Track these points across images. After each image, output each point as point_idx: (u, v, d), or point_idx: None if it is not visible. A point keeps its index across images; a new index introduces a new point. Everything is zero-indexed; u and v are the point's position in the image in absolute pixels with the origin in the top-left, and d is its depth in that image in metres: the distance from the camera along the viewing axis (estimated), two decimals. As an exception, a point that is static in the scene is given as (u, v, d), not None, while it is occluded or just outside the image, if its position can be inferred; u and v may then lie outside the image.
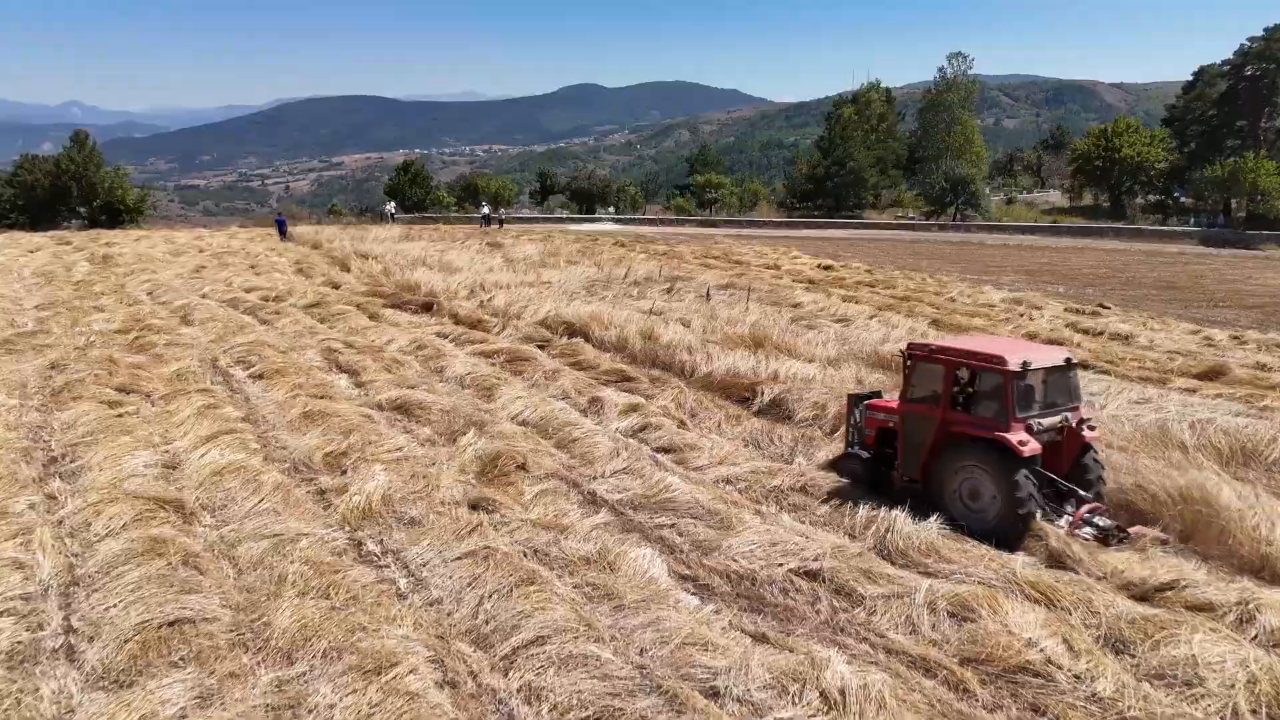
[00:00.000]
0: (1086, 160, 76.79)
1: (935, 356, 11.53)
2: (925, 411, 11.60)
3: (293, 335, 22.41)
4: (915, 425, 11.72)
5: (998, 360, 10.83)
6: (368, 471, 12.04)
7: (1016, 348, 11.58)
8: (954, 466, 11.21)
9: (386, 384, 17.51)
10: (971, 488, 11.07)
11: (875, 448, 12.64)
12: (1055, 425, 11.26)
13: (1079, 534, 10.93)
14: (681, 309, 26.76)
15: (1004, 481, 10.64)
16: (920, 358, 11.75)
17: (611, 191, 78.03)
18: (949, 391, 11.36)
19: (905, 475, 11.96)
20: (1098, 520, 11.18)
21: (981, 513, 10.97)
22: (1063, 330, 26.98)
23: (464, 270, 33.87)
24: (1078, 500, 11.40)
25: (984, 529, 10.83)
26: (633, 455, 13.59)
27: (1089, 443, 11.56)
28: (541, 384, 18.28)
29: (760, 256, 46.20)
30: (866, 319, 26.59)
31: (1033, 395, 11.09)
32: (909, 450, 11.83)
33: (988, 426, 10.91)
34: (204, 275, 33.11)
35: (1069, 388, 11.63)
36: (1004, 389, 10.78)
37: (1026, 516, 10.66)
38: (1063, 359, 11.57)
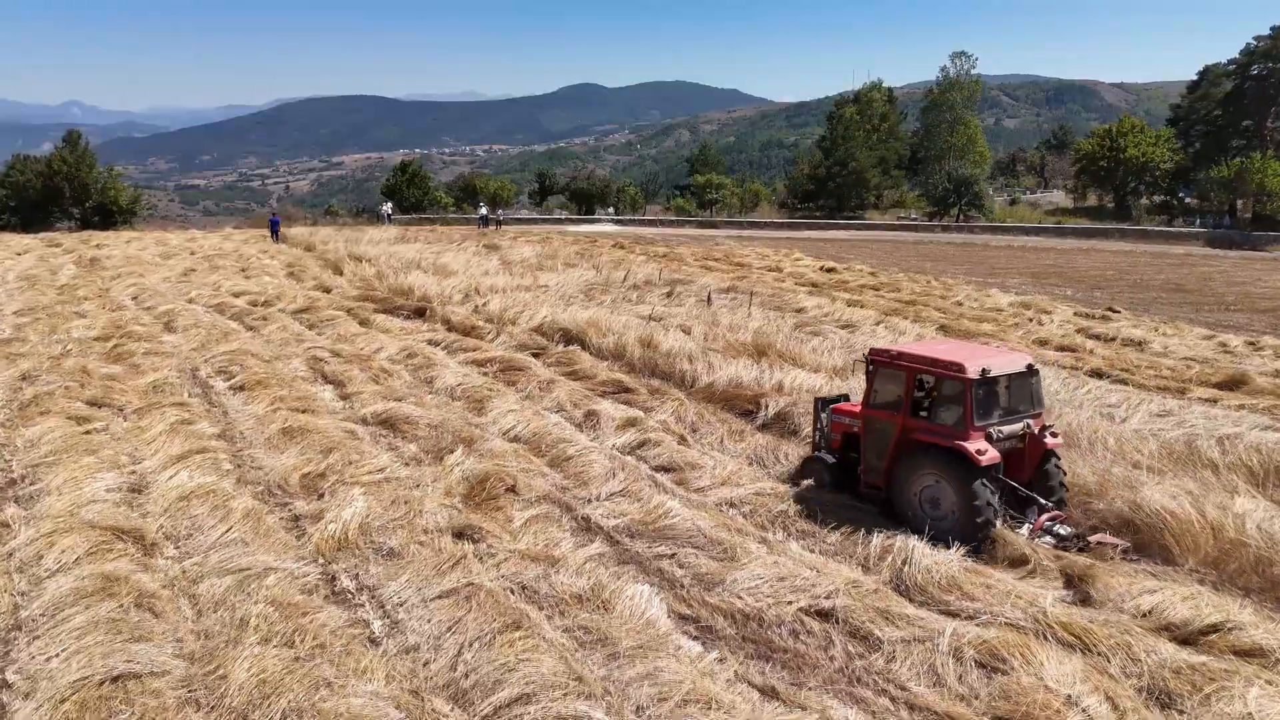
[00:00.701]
0: (1091, 160, 75.97)
1: (897, 362, 11.44)
2: (887, 418, 11.52)
3: (279, 343, 21.62)
4: (877, 431, 11.68)
5: (957, 367, 10.69)
6: (346, 495, 11.25)
7: (977, 354, 11.44)
8: (914, 474, 11.12)
9: (373, 396, 16.72)
10: (932, 495, 10.97)
11: (840, 452, 12.54)
12: (1017, 432, 11.14)
13: (1039, 542, 10.76)
14: (682, 314, 25.97)
15: (963, 490, 10.56)
16: (882, 363, 11.67)
17: (611, 192, 77.21)
18: (910, 398, 11.27)
19: (868, 481, 11.91)
20: (1058, 529, 11.03)
21: (941, 520, 10.84)
22: (1074, 337, 26.23)
23: (459, 274, 33.07)
24: (1039, 508, 11.25)
25: (944, 538, 10.64)
26: (630, 475, 12.80)
27: (1051, 450, 11.44)
28: (535, 395, 17.49)
29: (762, 258, 45.40)
30: (872, 325, 25.82)
31: (993, 403, 11.01)
32: (871, 456, 11.79)
33: (947, 434, 10.79)
34: (192, 279, 32.30)
35: (1031, 394, 11.50)
36: (963, 397, 10.67)
37: (984, 525, 10.53)
38: (1024, 365, 11.42)
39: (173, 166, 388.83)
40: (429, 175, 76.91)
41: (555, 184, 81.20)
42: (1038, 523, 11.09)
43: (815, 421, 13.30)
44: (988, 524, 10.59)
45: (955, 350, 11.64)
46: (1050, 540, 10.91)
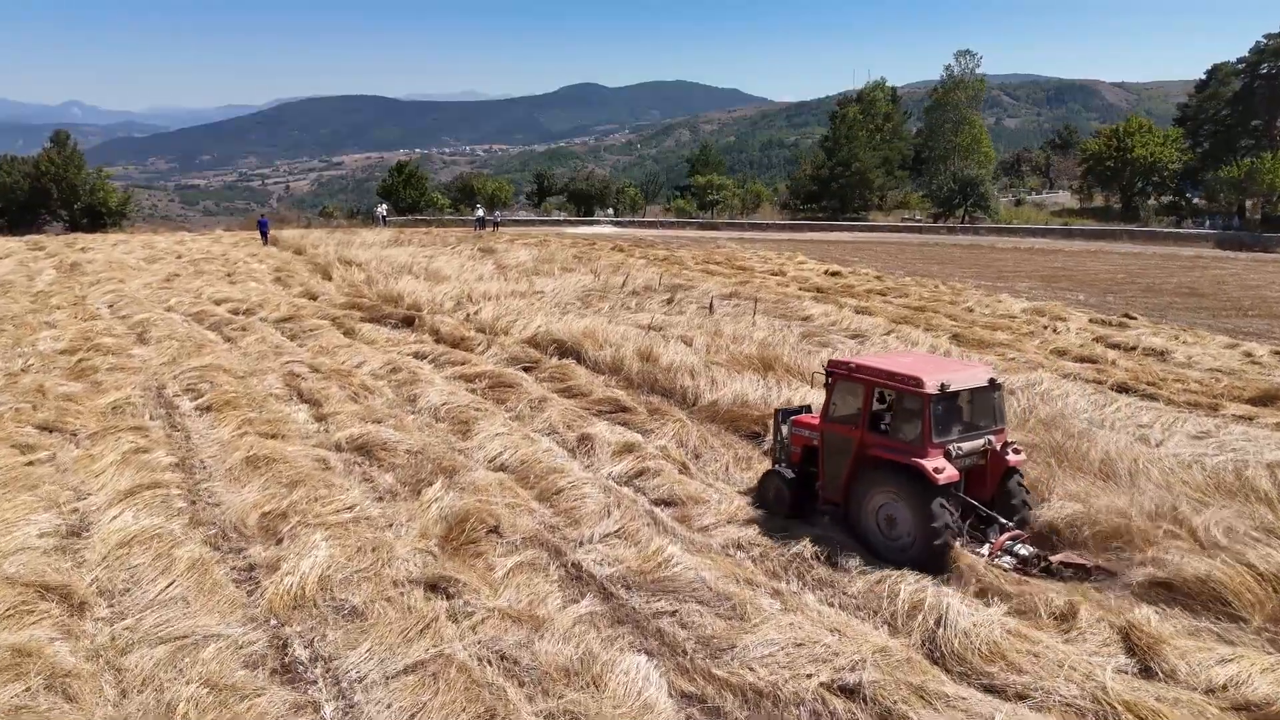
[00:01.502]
0: (1098, 161, 74.70)
1: (855, 375, 11.02)
2: (845, 432, 11.11)
3: (255, 356, 20.39)
4: (835, 446, 11.26)
5: (914, 381, 10.25)
6: (308, 541, 10.03)
7: (938, 368, 10.91)
8: (872, 491, 10.70)
9: (350, 417, 15.50)
10: (889, 514, 10.54)
11: (800, 466, 12.00)
12: (978, 449, 10.69)
13: (998, 563, 10.36)
14: (683, 323, 24.75)
15: (920, 510, 10.14)
16: (840, 375, 11.21)
17: (610, 193, 75.90)
18: (868, 412, 10.84)
19: (826, 497, 11.49)
20: (1019, 549, 10.55)
21: (898, 540, 10.47)
22: (1094, 346, 25.01)
23: (451, 279, 31.85)
24: (1000, 528, 10.80)
25: (902, 558, 10.28)
26: (626, 512, 11.58)
27: (1013, 467, 11.00)
28: (526, 416, 16.27)
29: (764, 261, 44.18)
30: (883, 334, 24.60)
31: (953, 418, 10.60)
32: (830, 471, 11.36)
33: (904, 451, 10.37)
34: (174, 285, 31.10)
35: (993, 409, 11.02)
36: (921, 412, 10.24)
37: (942, 547, 10.11)
38: (986, 379, 10.92)
39: (173, 166, 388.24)
40: (426, 176, 75.62)
41: (553, 185, 79.88)
42: (997, 542, 10.58)
43: (775, 434, 12.70)
44: (946, 545, 10.13)
45: (915, 363, 11.08)
46: (1010, 561, 10.44)
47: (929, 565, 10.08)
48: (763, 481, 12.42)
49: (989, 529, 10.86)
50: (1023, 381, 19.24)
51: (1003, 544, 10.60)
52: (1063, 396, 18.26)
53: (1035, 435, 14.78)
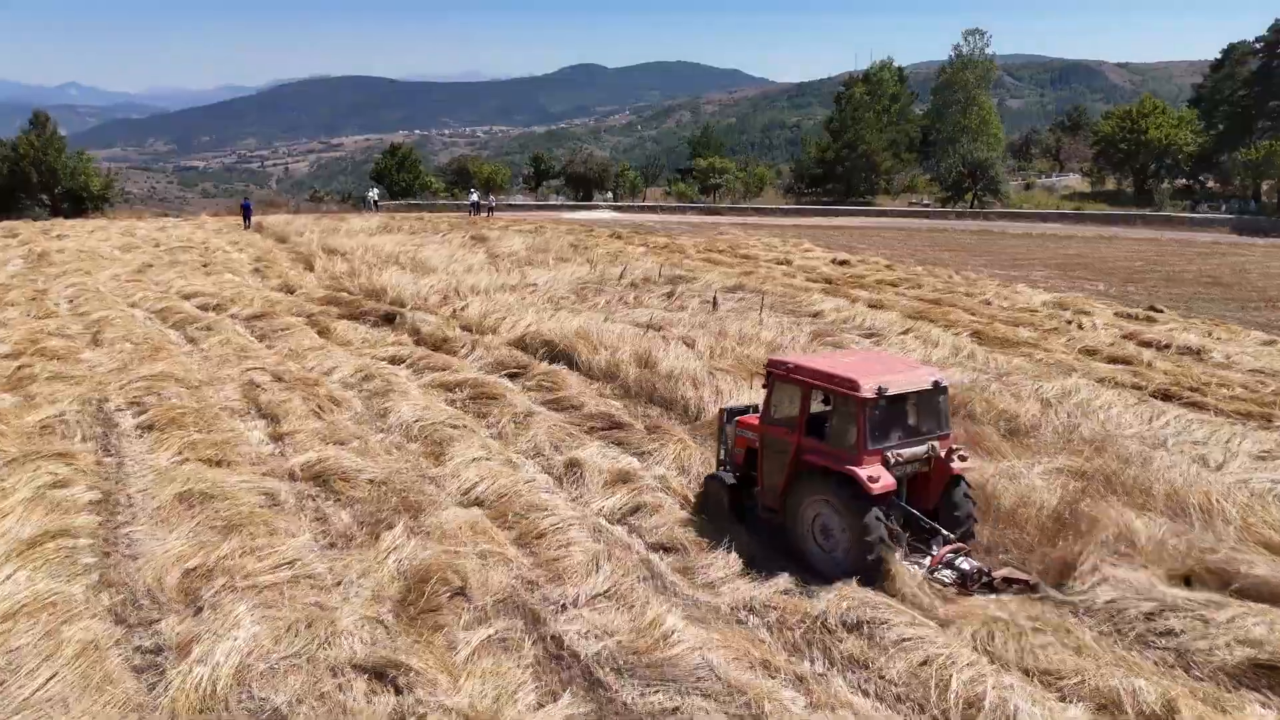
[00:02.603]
0: (1110, 143, 72.63)
1: (793, 375, 10.43)
2: (782, 436, 10.52)
3: (217, 360, 18.63)
4: (774, 449, 10.66)
5: (850, 384, 9.70)
6: (231, 613, 8.30)
7: (877, 369, 10.25)
8: (807, 499, 10.15)
9: (310, 437, 13.77)
10: (824, 524, 10.04)
11: (743, 470, 11.37)
12: (919, 456, 10.10)
13: (938, 576, 9.80)
14: (684, 320, 22.99)
15: (853, 520, 9.63)
16: (779, 376, 10.61)
17: (610, 176, 73.85)
18: (804, 415, 10.25)
19: (764, 503, 10.88)
20: (961, 563, 9.91)
21: (833, 551, 9.97)
22: (1125, 345, 23.28)
23: (439, 271, 30.04)
24: (943, 539, 10.16)
25: (835, 570, 9.78)
26: (619, 563, 9.86)
27: (958, 475, 10.35)
28: (509, 434, 14.54)
29: (769, 249, 42.36)
30: (899, 333, 22.82)
31: (892, 423, 10.03)
32: (768, 476, 10.75)
33: (839, 457, 9.84)
34: (145, 277, 29.30)
35: (937, 414, 10.39)
36: (856, 417, 9.67)
37: (876, 560, 9.55)
38: (930, 381, 10.24)
39: (171, 148, 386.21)
40: (420, 159, 73.56)
41: (551, 168, 77.79)
42: (937, 555, 9.96)
43: (720, 435, 11.95)
44: (879, 558, 9.56)
45: (854, 365, 10.43)
46: (949, 575, 9.81)
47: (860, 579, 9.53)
48: (704, 486, 11.84)
49: (933, 540, 10.21)
50: (1058, 390, 17.50)
51: (943, 557, 9.94)
52: (1104, 408, 16.53)
53: (1085, 460, 13.06)
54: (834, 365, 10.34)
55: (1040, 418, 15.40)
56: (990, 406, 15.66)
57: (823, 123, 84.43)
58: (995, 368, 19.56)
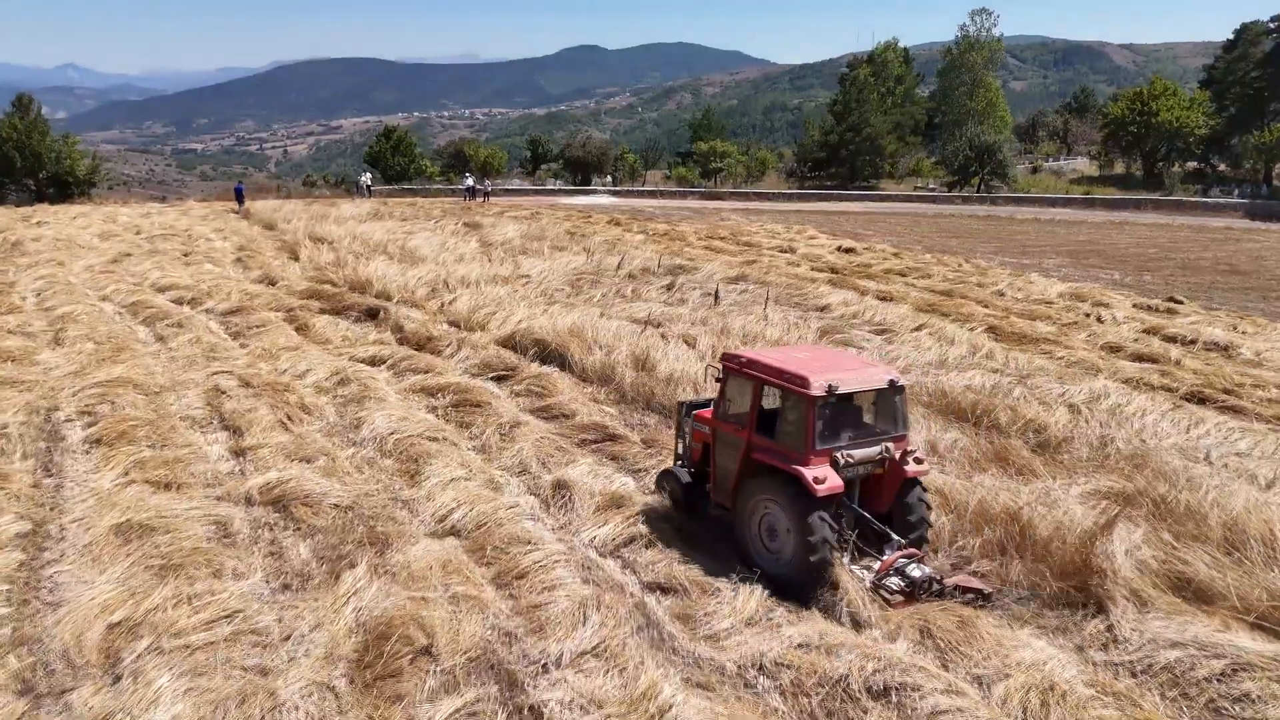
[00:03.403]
0: (1120, 126, 71.12)
1: (745, 370, 10.08)
2: (734, 432, 10.19)
3: (184, 362, 17.39)
4: (726, 446, 10.36)
5: (800, 381, 9.35)
6: (153, 685, 7.08)
7: (830, 366, 9.83)
8: (754, 499, 9.79)
9: (274, 453, 12.54)
10: (770, 525, 9.68)
11: (699, 465, 11.00)
12: (872, 457, 9.68)
13: (886, 583, 9.36)
14: (685, 316, 21.73)
15: (798, 522, 9.23)
16: (732, 370, 10.29)
17: (609, 159, 72.33)
18: (755, 412, 9.89)
19: (717, 500, 10.55)
20: (911, 569, 9.42)
21: (779, 554, 9.59)
22: (1149, 341, 22.06)
23: (428, 261, 28.77)
24: (895, 545, 9.76)
25: (780, 573, 9.46)
26: (610, 610, 8.64)
27: (912, 478, 9.87)
28: (494, 447, 13.31)
29: (772, 236, 41.08)
30: (911, 329, 21.56)
31: (843, 423, 9.63)
32: (720, 472, 10.43)
33: (786, 456, 9.47)
34: (121, 267, 28.02)
35: (893, 414, 9.93)
36: (804, 416, 9.32)
37: (819, 565, 9.16)
38: (885, 380, 9.79)
39: (169, 130, 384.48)
40: (414, 142, 72.04)
41: (549, 151, 76.23)
42: (885, 562, 9.51)
43: (677, 429, 11.55)
44: (824, 563, 9.16)
45: (808, 361, 9.97)
46: (898, 582, 9.34)
47: (805, 583, 9.22)
48: (658, 481, 11.50)
49: (886, 545, 9.77)
50: (1086, 393, 16.26)
51: (892, 563, 9.47)
52: (1138, 415, 15.29)
53: (1125, 480, 11.83)
54: (786, 361, 9.92)
55: (1071, 428, 14.16)
56: (1016, 415, 14.42)
57: (826, 105, 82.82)
58: (1016, 368, 18.32)
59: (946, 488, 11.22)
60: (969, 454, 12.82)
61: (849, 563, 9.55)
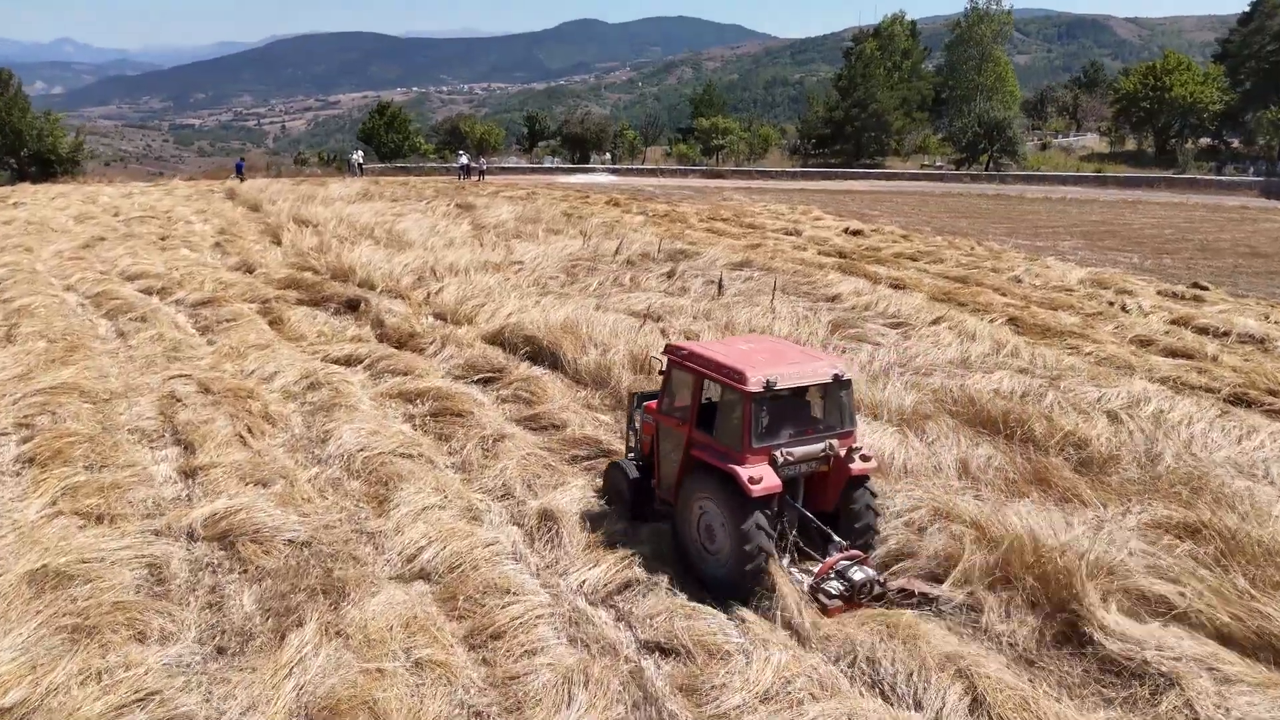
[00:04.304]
0: (1132, 101, 69.31)
1: (686, 363, 9.72)
2: (676, 427, 9.82)
3: (142, 362, 16.01)
4: (668, 441, 10.00)
5: (737, 376, 9.00)
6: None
7: (770, 360, 9.39)
8: (693, 497, 9.40)
9: (227, 474, 11.19)
10: (708, 525, 9.28)
11: (649, 459, 10.51)
12: (815, 455, 9.28)
13: (825, 587, 8.91)
14: (687, 308, 20.34)
15: (733, 524, 8.86)
16: (674, 362, 9.92)
17: (608, 136, 70.56)
18: (696, 406, 9.53)
19: (661, 496, 10.15)
20: (853, 572, 8.97)
21: (716, 555, 9.21)
22: (1181, 334, 20.75)
23: (416, 246, 27.32)
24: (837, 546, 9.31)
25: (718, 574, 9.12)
26: (601, 686, 7.31)
27: (859, 476, 9.44)
28: (475, 465, 11.96)
29: (776, 217, 39.58)
30: (928, 322, 20.15)
31: (784, 419, 9.21)
32: (664, 468, 10.09)
33: (722, 454, 9.12)
34: (92, 253, 26.58)
35: (839, 409, 9.51)
36: (741, 412, 8.97)
37: (753, 569, 8.80)
38: (830, 375, 9.34)
39: (167, 105, 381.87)
40: (409, 119, 70.29)
41: (547, 128, 74.44)
42: (825, 564, 9.07)
43: (629, 420, 11.18)
44: (759, 568, 8.80)
45: (748, 354, 9.50)
46: (838, 586, 8.86)
47: (742, 586, 8.85)
48: (606, 474, 11.04)
49: (830, 546, 9.31)
50: (1124, 398, 14.89)
51: (833, 565, 9.02)
52: (1183, 423, 13.91)
53: (1185, 507, 10.48)
54: (726, 354, 9.47)
55: (1115, 442, 12.80)
56: (1053, 427, 13.04)
57: (830, 80, 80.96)
58: (1045, 367, 16.94)
59: (983, 519, 9.87)
60: (1005, 475, 11.46)
61: (789, 564, 9.15)
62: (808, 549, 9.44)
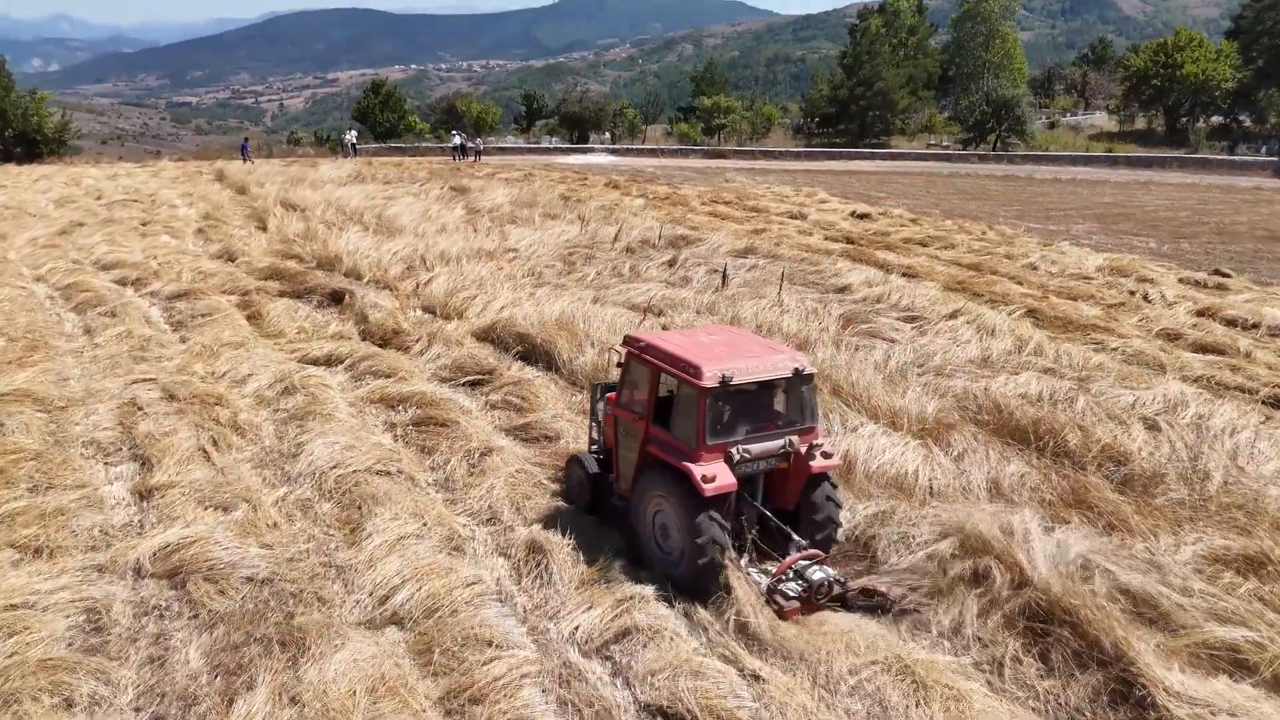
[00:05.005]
0: (1142, 79, 67.91)
1: (642, 356, 9.37)
2: (633, 421, 9.49)
3: (106, 363, 14.95)
4: (626, 436, 9.70)
5: (692, 370, 8.59)
6: None
7: (728, 353, 9.02)
8: (649, 494, 9.08)
9: (186, 496, 10.15)
10: (663, 523, 8.97)
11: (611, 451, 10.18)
12: (773, 452, 8.93)
13: (783, 588, 8.59)
14: (689, 300, 19.26)
15: (686, 523, 8.48)
16: (632, 355, 9.59)
17: (607, 115, 69.18)
18: (653, 400, 9.17)
19: (618, 490, 9.90)
20: (812, 572, 8.63)
21: (671, 554, 8.88)
22: (1210, 327, 19.73)
23: (407, 232, 26.21)
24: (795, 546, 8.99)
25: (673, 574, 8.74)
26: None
27: (819, 474, 9.11)
28: (458, 484, 10.93)
29: (780, 200, 38.43)
30: (944, 315, 19.03)
31: (741, 416, 8.90)
32: (623, 463, 9.78)
33: (677, 451, 8.75)
34: (67, 240, 25.46)
35: (800, 405, 9.16)
36: (695, 408, 8.56)
37: (707, 569, 8.43)
38: (790, 369, 8.97)
39: (164, 83, 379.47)
40: (403, 97, 68.88)
41: (545, 107, 73.02)
42: (783, 564, 8.72)
43: (591, 412, 10.78)
44: (711, 568, 8.49)
45: (707, 347, 9.15)
46: (795, 587, 8.58)
47: (696, 587, 8.53)
48: (566, 468, 10.67)
49: (790, 545, 9.01)
50: (1159, 401, 13.86)
51: (790, 565, 8.68)
52: (1226, 431, 12.87)
53: (1243, 534, 9.46)
54: (684, 347, 9.11)
55: (1156, 455, 11.76)
56: (1088, 438, 12.00)
57: (835, 58, 79.45)
58: (1071, 366, 15.89)
59: (1019, 555, 8.84)
60: (1041, 495, 10.43)
61: (748, 564, 8.88)
62: (767, 548, 9.07)
